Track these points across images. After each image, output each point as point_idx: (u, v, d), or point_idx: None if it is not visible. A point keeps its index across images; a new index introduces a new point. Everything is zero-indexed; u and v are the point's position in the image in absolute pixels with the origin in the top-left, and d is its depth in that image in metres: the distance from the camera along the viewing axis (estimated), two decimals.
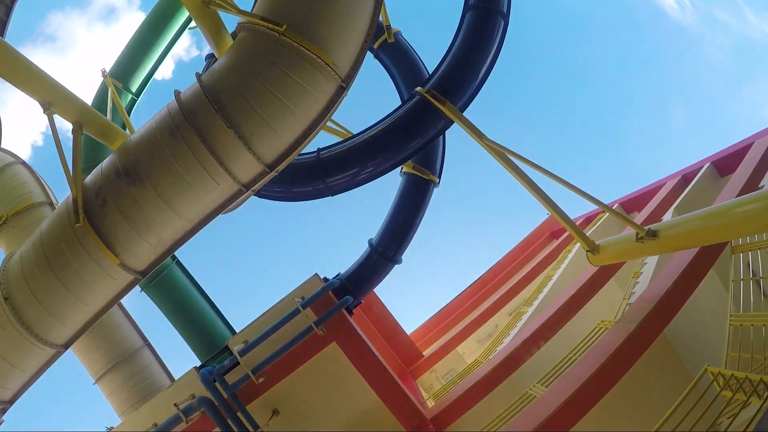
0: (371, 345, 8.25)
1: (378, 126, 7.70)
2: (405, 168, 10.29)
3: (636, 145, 61.31)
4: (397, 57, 11.18)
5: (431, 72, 8.27)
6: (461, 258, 62.54)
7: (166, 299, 10.05)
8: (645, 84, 61.11)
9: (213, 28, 7.15)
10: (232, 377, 7.99)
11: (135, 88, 10.42)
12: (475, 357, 12.13)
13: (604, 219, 12.90)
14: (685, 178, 11.43)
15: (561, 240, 15.24)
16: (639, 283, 8.76)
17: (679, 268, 7.27)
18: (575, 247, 12.60)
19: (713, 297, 8.09)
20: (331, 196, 7.81)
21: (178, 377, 8.73)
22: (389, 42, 11.03)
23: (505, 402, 7.59)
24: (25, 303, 6.06)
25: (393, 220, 10.33)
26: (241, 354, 7.79)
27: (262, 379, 7.83)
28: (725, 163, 10.39)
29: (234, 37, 6.36)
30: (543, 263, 14.55)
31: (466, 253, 61.85)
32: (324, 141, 8.40)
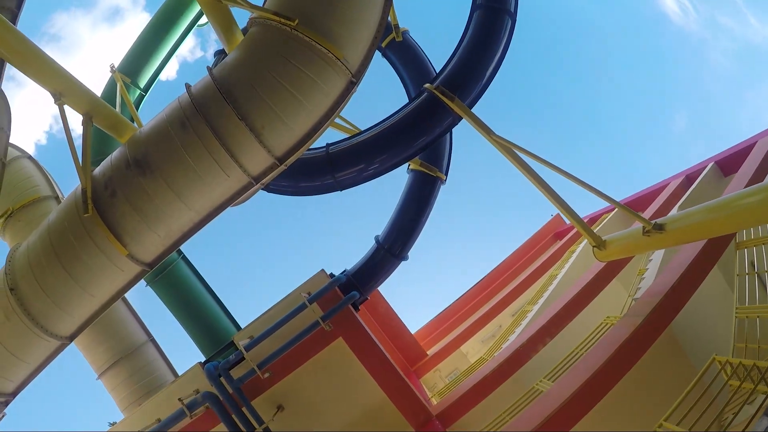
0: (377, 341, 8.23)
1: (388, 121, 7.75)
2: (412, 165, 10.34)
3: (638, 149, 61.38)
4: (405, 55, 11.24)
5: (440, 69, 8.33)
6: (466, 257, 62.49)
7: (171, 294, 10.01)
8: (648, 88, 61.23)
9: (224, 23, 7.17)
10: (237, 372, 7.97)
11: (143, 83, 10.43)
12: (479, 357, 12.08)
13: (607, 220, 12.92)
14: (689, 177, 11.44)
15: (565, 240, 15.24)
16: (644, 279, 8.77)
17: (685, 263, 7.30)
18: (579, 247, 12.61)
19: (716, 293, 8.16)
20: (340, 190, 7.83)
21: (181, 373, 8.72)
22: (397, 41, 11.11)
23: (512, 398, 7.57)
24: (31, 294, 6.04)
25: (400, 216, 10.38)
26: (247, 349, 7.77)
27: (267, 375, 7.82)
28: (728, 163, 10.40)
29: (245, 33, 6.38)
30: (547, 263, 14.53)
31: (470, 252, 61.85)
32: (331, 137, 8.41)
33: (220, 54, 9.75)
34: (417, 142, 7.71)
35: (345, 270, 10.34)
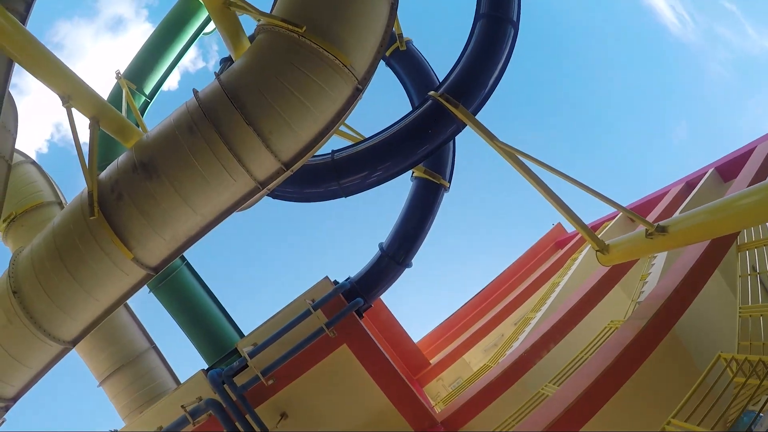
0: (381, 348, 8.19)
1: (393, 128, 7.83)
2: (416, 172, 10.39)
3: (639, 159, 61.63)
4: (409, 64, 11.41)
5: (443, 78, 8.43)
6: (468, 265, 62.34)
7: (174, 301, 9.98)
8: (648, 98, 61.70)
9: (232, 29, 7.25)
10: (240, 379, 7.91)
11: (148, 90, 10.50)
12: (482, 365, 12.02)
13: (608, 228, 12.94)
14: (689, 184, 11.48)
15: (566, 249, 15.25)
16: (647, 283, 8.79)
17: (688, 265, 7.35)
18: (581, 255, 12.62)
19: (717, 295, 8.22)
20: (345, 197, 7.87)
21: (184, 381, 8.65)
22: (401, 50, 11.30)
23: (517, 404, 7.53)
24: (34, 297, 6.00)
25: (404, 223, 10.41)
26: (251, 355, 7.73)
27: (271, 381, 7.76)
28: (728, 168, 10.44)
29: (252, 40, 6.44)
30: (549, 272, 14.54)
31: (472, 261, 61.71)
32: (334, 145, 8.46)
33: (226, 61, 9.86)
34: (422, 148, 7.77)
35: (349, 277, 10.34)
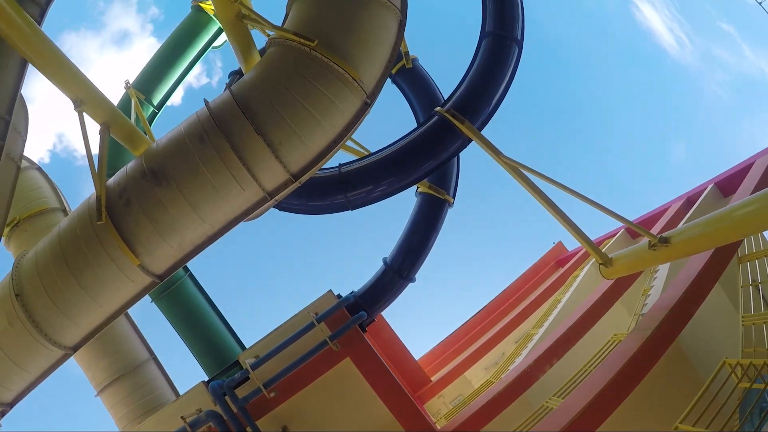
0: (384, 362, 8.13)
1: (400, 142, 7.94)
2: (421, 188, 10.49)
3: (636, 179, 61.84)
4: (415, 82, 11.62)
5: (449, 94, 8.56)
6: (469, 282, 61.95)
7: (176, 311, 9.93)
8: (645, 120, 62.27)
9: (243, 42, 7.40)
10: (241, 392, 7.82)
11: (157, 101, 10.63)
12: (485, 380, 11.93)
13: (609, 245, 12.99)
14: (690, 200, 11.54)
15: (567, 267, 15.26)
16: (650, 296, 8.80)
17: (690, 277, 7.40)
18: (583, 272, 12.64)
19: (718, 306, 8.28)
20: (351, 210, 7.94)
21: (184, 392, 8.56)
22: (407, 67, 11.51)
23: (519, 419, 7.49)
24: (37, 300, 5.98)
25: (408, 238, 10.48)
26: (253, 367, 7.66)
27: (273, 394, 7.67)
28: (728, 184, 10.51)
29: (262, 54, 6.55)
30: (550, 290, 14.52)
31: (474, 277, 61.33)
32: (340, 160, 8.53)
33: (235, 75, 10.00)
34: (428, 162, 7.88)
35: (352, 292, 10.34)
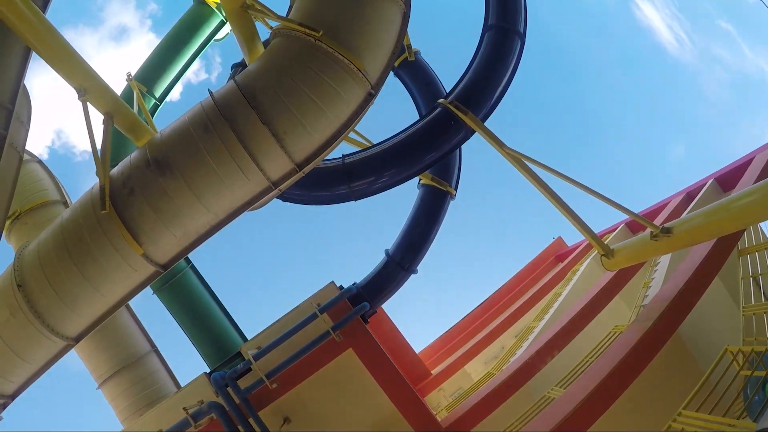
0: (386, 353, 8.15)
1: (404, 133, 7.98)
2: (423, 179, 10.53)
3: (634, 178, 61.82)
4: (417, 75, 11.69)
5: (452, 86, 8.58)
6: (469, 276, 61.88)
7: (178, 303, 9.93)
8: (644, 118, 62.26)
9: (247, 33, 7.37)
10: (244, 383, 7.82)
11: (158, 93, 10.62)
12: (485, 373, 11.98)
13: (609, 239, 12.98)
14: (690, 195, 11.59)
15: (567, 262, 15.32)
16: (651, 288, 8.84)
17: (691, 269, 7.45)
18: (583, 266, 12.69)
19: (717, 300, 8.36)
20: (355, 200, 7.96)
21: (186, 383, 8.56)
22: (410, 60, 11.55)
23: (520, 411, 7.51)
24: (40, 291, 5.96)
25: (410, 230, 10.51)
26: (256, 358, 7.66)
27: (275, 385, 7.69)
28: (728, 178, 10.55)
29: (266, 45, 6.54)
30: (549, 284, 14.62)
31: (474, 273, 61.27)
32: (342, 152, 8.52)
33: (237, 67, 9.98)
34: (431, 154, 7.92)
35: (355, 283, 10.36)
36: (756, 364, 5.36)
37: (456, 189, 10.67)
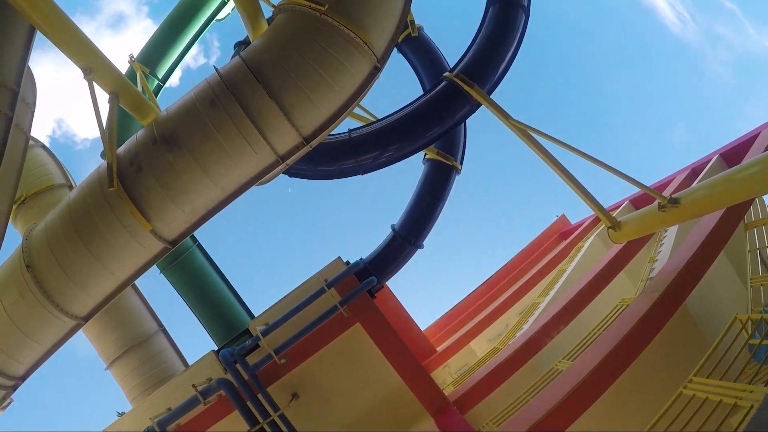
0: (393, 327, 8.22)
1: (410, 106, 7.95)
2: (429, 154, 10.54)
3: (636, 159, 61.54)
4: (421, 50, 11.62)
5: (457, 60, 8.52)
6: (473, 254, 62.04)
7: (185, 281, 9.98)
8: (646, 98, 61.75)
9: (251, 10, 7.29)
10: (252, 359, 7.89)
11: (161, 74, 10.54)
12: (491, 348, 12.08)
13: (614, 215, 12.99)
14: (695, 171, 11.55)
15: (571, 239, 15.34)
16: (657, 261, 8.86)
17: (698, 241, 7.46)
18: (587, 242, 12.71)
19: (723, 275, 8.43)
20: (362, 174, 7.97)
21: (194, 361, 8.63)
22: (413, 36, 11.47)
23: (528, 384, 7.59)
24: (48, 271, 5.98)
25: (416, 204, 10.56)
26: (264, 334, 7.72)
27: (283, 361, 7.76)
28: (733, 154, 10.48)
29: (270, 22, 6.47)
30: (553, 261, 14.67)
31: (479, 251, 61.44)
32: (346, 128, 8.46)
33: (241, 45, 9.90)
34: (437, 127, 7.91)
35: (361, 258, 10.38)
36: (765, 332, 5.40)
37: (461, 164, 10.67)
